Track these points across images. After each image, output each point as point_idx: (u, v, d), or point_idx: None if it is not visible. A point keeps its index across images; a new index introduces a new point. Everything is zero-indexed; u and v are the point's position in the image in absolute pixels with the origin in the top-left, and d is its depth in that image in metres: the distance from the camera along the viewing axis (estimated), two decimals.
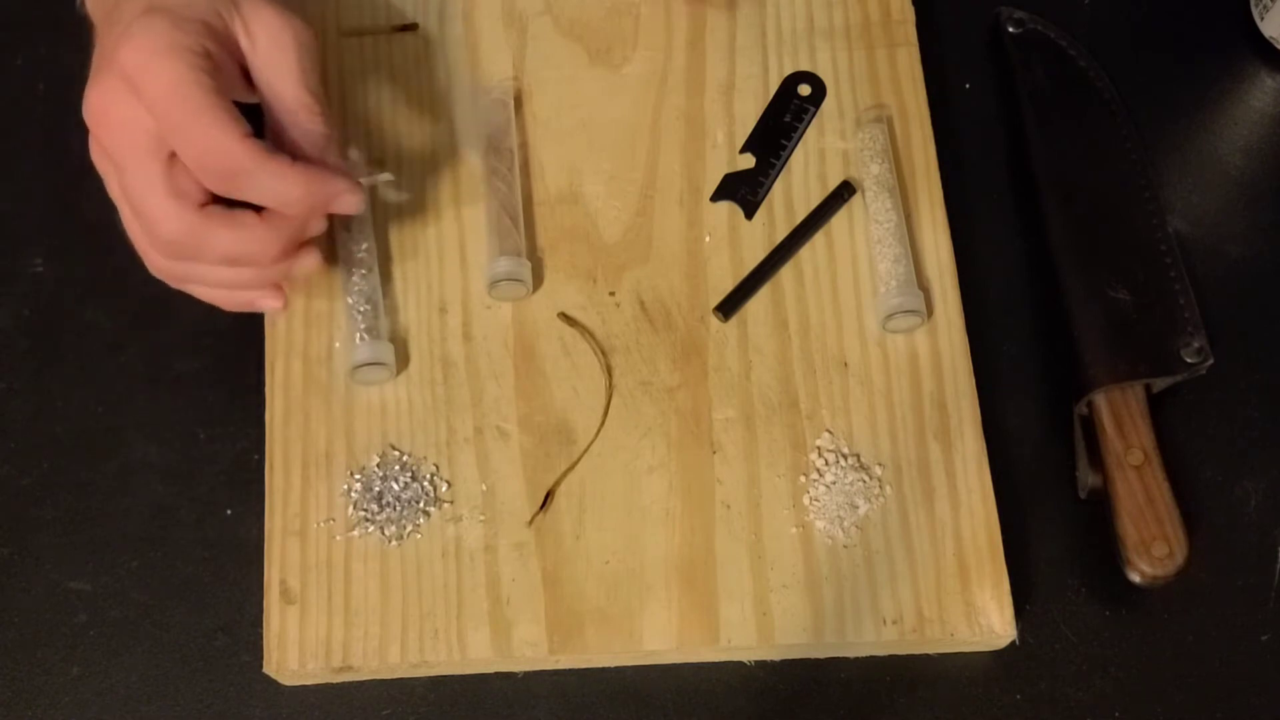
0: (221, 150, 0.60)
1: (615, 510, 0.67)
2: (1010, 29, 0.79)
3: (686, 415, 0.69)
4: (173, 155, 0.61)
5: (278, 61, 0.64)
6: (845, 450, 0.68)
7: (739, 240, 0.73)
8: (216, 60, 0.62)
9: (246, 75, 0.64)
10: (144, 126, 0.61)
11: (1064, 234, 0.73)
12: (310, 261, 0.66)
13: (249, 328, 0.71)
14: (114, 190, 0.64)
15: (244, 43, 0.63)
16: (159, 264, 0.64)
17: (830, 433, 0.69)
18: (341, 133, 0.73)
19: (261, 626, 0.65)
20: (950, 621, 0.66)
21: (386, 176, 0.69)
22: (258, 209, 0.63)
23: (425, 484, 0.67)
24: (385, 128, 0.74)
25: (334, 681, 0.66)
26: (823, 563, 0.66)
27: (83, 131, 0.69)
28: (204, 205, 0.62)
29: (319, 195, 0.63)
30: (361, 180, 0.65)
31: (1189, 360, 0.70)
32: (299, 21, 0.65)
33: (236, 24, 0.63)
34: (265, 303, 0.67)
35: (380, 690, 0.66)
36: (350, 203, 0.64)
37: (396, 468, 0.68)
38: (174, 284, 0.66)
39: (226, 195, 0.62)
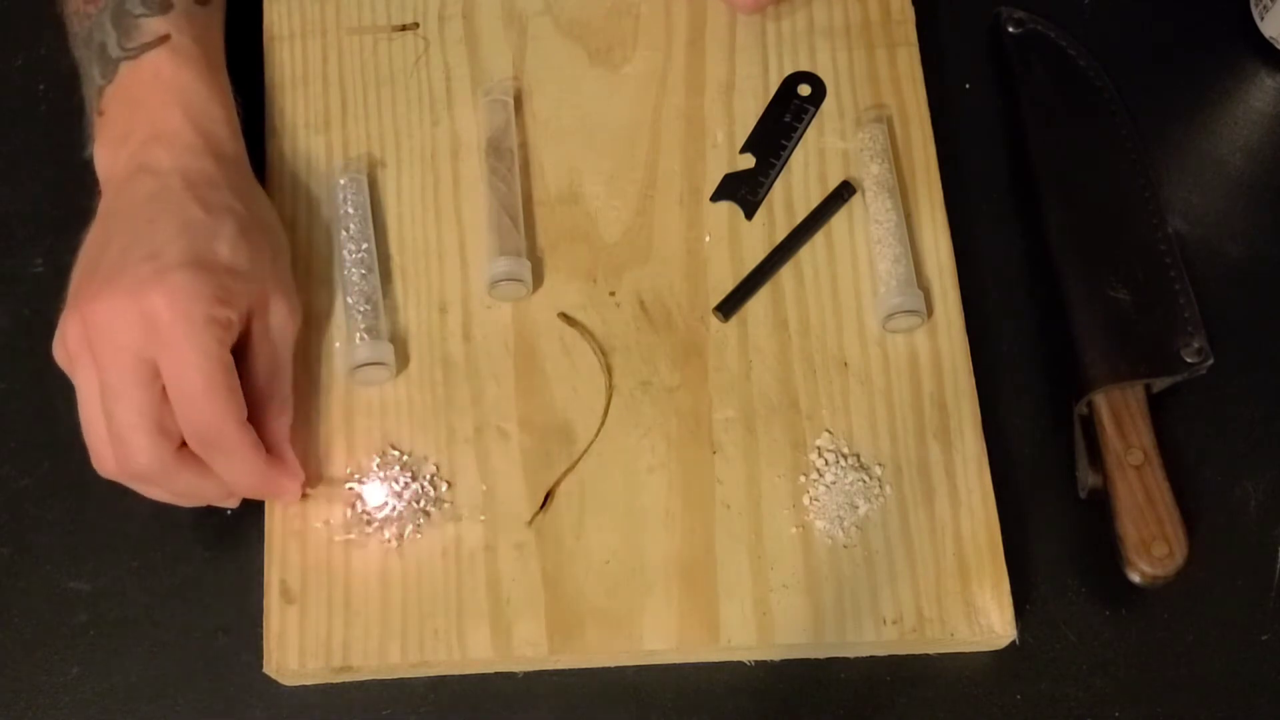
0: (218, 429, 0.61)
1: (615, 510, 0.67)
2: (1010, 29, 0.79)
3: (686, 415, 0.69)
4: (164, 389, 0.61)
5: (276, 354, 0.66)
6: (845, 450, 0.68)
7: (739, 240, 0.73)
8: (233, 333, 0.63)
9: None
10: (146, 357, 0.61)
11: (1064, 234, 0.73)
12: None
13: None
14: (85, 393, 0.62)
15: (257, 326, 0.65)
16: (111, 470, 0.63)
17: (830, 433, 0.69)
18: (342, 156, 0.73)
19: (261, 626, 0.65)
20: (950, 621, 0.66)
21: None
22: None
23: (425, 484, 0.67)
24: (385, 128, 0.74)
25: (334, 681, 0.66)
26: (823, 563, 0.66)
27: (82, 132, 0.70)
28: (179, 442, 0.62)
29: (270, 489, 0.65)
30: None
31: (1189, 360, 0.70)
32: (299, 313, 0.68)
33: (259, 310, 0.65)
34: (221, 506, 0.67)
35: (380, 690, 0.66)
36: (286, 500, 0.66)
37: (396, 468, 0.68)
38: (118, 481, 0.64)
39: (198, 453, 0.62)
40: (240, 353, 0.64)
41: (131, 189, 0.65)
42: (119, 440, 0.61)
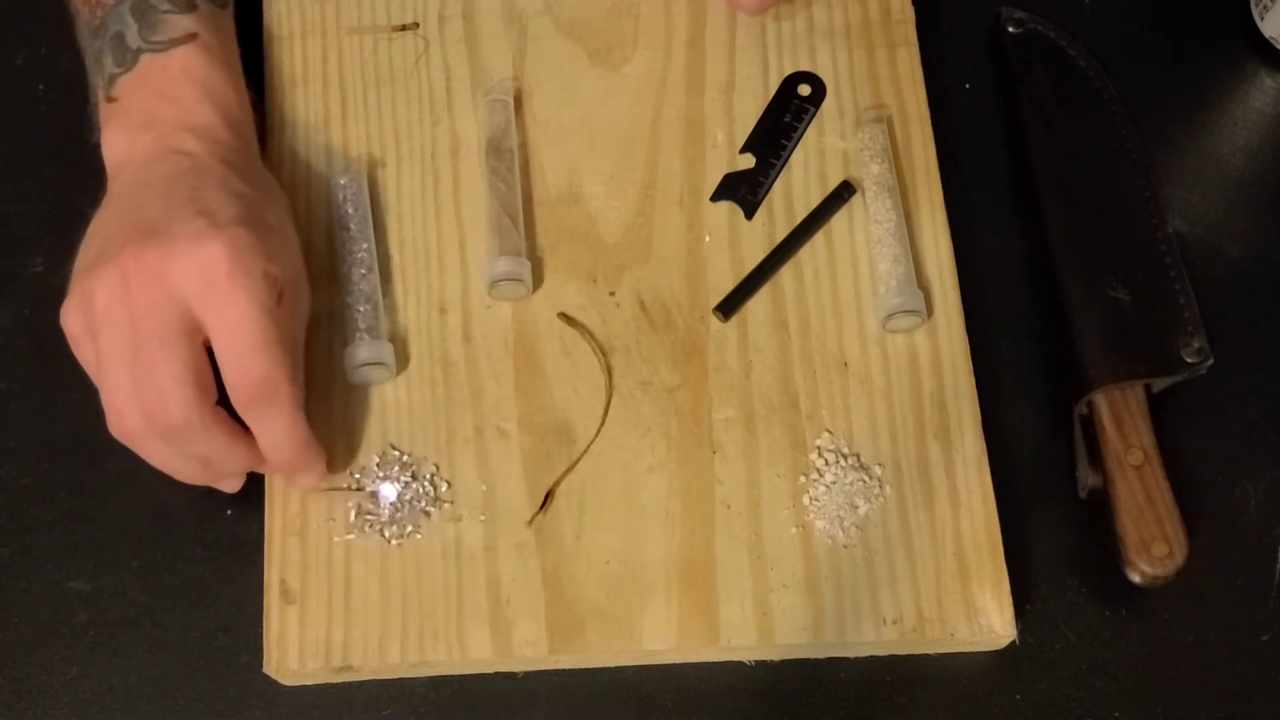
0: (274, 383, 0.61)
1: (615, 510, 0.67)
2: (1010, 29, 0.79)
3: (686, 415, 0.69)
4: (203, 346, 0.61)
5: (297, 338, 0.66)
6: (845, 450, 0.68)
7: (739, 240, 0.73)
8: (277, 291, 0.63)
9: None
10: (193, 310, 0.61)
11: (1064, 234, 0.73)
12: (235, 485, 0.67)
13: None
14: (112, 349, 0.61)
15: (286, 303, 0.64)
16: (133, 427, 0.62)
17: (830, 433, 0.69)
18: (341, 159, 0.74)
19: (261, 626, 0.65)
20: (950, 621, 0.66)
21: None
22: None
23: (425, 484, 0.67)
24: (385, 128, 0.74)
25: (334, 681, 0.66)
26: (823, 563, 0.66)
27: (83, 132, 0.69)
28: (214, 403, 0.62)
29: (302, 460, 0.65)
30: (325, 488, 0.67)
31: (1189, 360, 0.70)
32: (310, 303, 0.69)
33: (290, 289, 0.65)
34: (227, 487, 0.67)
35: (380, 690, 0.66)
36: (309, 483, 0.66)
37: (396, 468, 0.68)
38: (131, 446, 0.63)
39: (239, 412, 0.62)
40: None
41: (159, 167, 0.65)
42: (157, 393, 0.60)
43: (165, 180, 0.64)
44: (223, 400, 0.63)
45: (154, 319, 0.60)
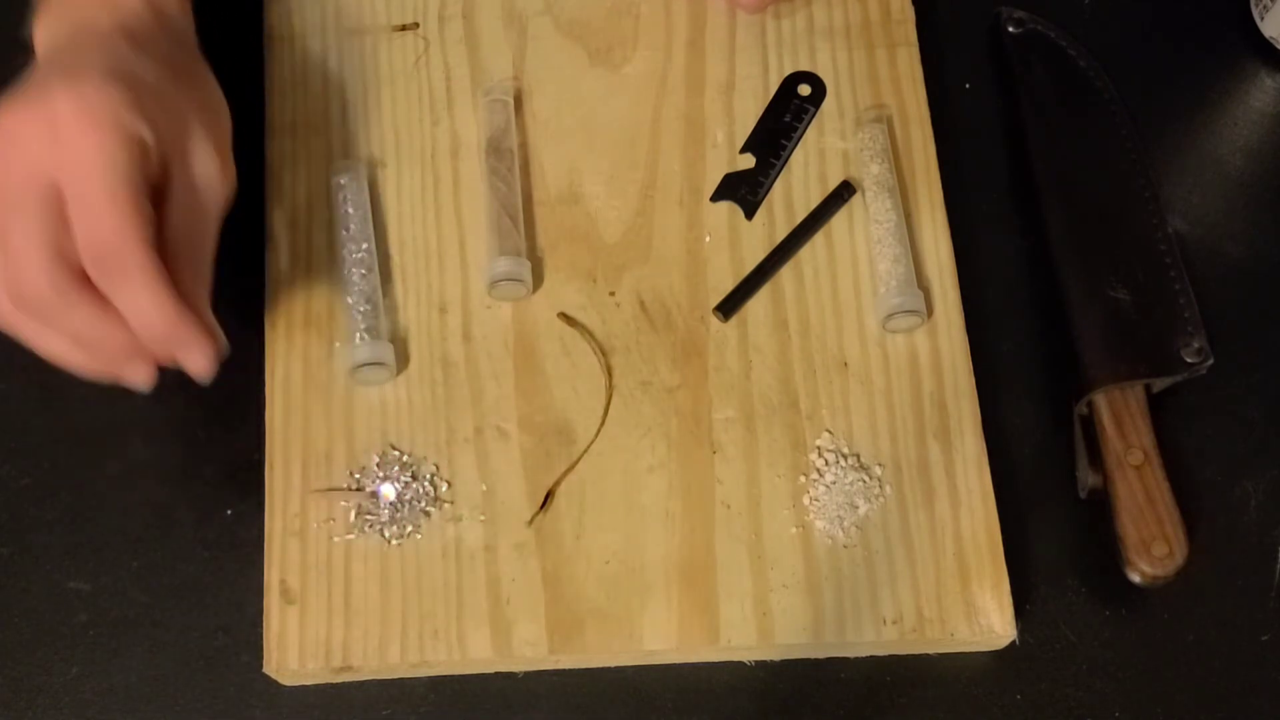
0: (118, 245, 0.57)
1: (615, 510, 0.67)
2: (1010, 29, 0.79)
3: (686, 415, 0.69)
4: (65, 213, 0.58)
5: (197, 211, 0.61)
6: (845, 450, 0.68)
7: (739, 240, 0.73)
8: (149, 160, 0.59)
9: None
10: (49, 174, 0.57)
11: (1064, 234, 0.73)
12: (144, 376, 0.61)
13: (249, 328, 0.71)
14: None
15: (178, 174, 0.60)
16: (2, 306, 0.59)
17: (830, 433, 0.69)
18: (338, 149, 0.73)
19: (261, 626, 0.65)
20: (950, 621, 0.66)
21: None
22: None
23: (425, 484, 0.67)
24: (385, 128, 0.74)
25: (334, 681, 0.66)
26: (823, 563, 0.67)
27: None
28: (80, 274, 0.58)
29: (178, 337, 0.59)
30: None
31: (1189, 360, 0.70)
32: (232, 180, 0.63)
33: (181, 155, 0.61)
34: (130, 376, 0.61)
35: (380, 690, 0.66)
36: (200, 362, 0.60)
37: (396, 468, 0.68)
38: (6, 329, 0.60)
39: (97, 283, 0.58)
40: (158, 206, 0.60)
41: (67, 44, 0.62)
42: (11, 262, 0.57)
43: (61, 52, 0.62)
44: None
45: (10, 185, 0.57)
